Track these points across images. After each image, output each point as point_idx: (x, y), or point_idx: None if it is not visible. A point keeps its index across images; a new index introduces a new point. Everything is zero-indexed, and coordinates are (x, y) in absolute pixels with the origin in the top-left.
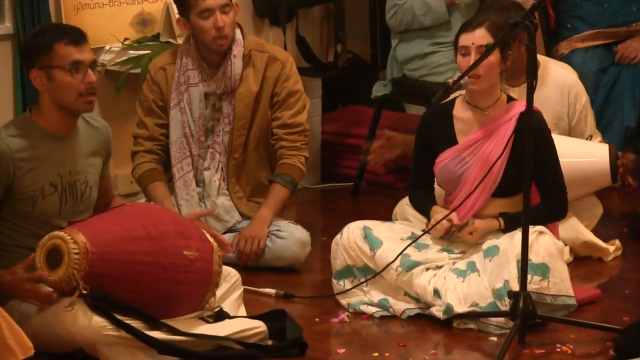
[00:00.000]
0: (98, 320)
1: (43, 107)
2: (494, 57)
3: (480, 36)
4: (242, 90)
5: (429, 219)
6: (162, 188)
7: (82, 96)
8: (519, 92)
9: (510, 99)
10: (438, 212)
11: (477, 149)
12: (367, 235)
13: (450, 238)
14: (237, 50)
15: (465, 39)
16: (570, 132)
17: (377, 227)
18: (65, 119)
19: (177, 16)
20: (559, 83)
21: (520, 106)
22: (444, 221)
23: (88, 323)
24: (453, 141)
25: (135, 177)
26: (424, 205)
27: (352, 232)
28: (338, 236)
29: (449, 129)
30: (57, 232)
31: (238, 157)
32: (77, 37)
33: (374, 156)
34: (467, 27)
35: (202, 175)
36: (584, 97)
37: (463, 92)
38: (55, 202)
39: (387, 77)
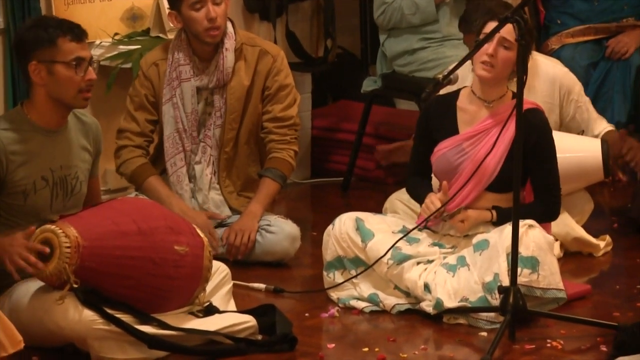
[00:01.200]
0: (88, 314)
1: (36, 101)
2: (514, 54)
3: (507, 30)
4: (234, 84)
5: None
6: (162, 182)
7: (81, 92)
8: (512, 86)
9: (515, 95)
10: (432, 197)
11: (477, 141)
12: (359, 227)
13: (442, 230)
14: (229, 44)
15: (492, 27)
16: (569, 123)
17: (369, 219)
18: (58, 114)
19: (168, 10)
20: (548, 76)
21: (526, 102)
22: (435, 201)
23: (78, 317)
24: (454, 131)
25: (126, 173)
26: (419, 192)
27: (344, 223)
28: (330, 227)
29: (452, 119)
30: (48, 226)
31: (229, 151)
32: (79, 33)
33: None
34: (495, 16)
35: (193, 170)
36: (576, 87)
37: (454, 87)
38: (46, 196)
39: (377, 72)
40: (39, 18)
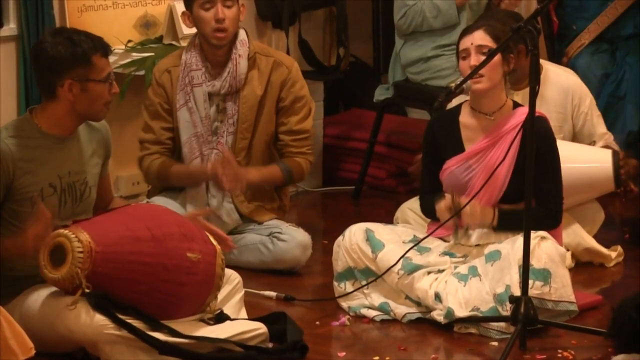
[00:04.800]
0: (100, 319)
1: (52, 112)
2: (496, 57)
3: (479, 37)
4: (247, 92)
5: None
6: (182, 165)
7: (105, 105)
8: (522, 96)
9: (516, 105)
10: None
11: (483, 156)
12: (369, 238)
13: (453, 239)
14: (243, 50)
15: (465, 42)
16: (577, 134)
17: (379, 230)
18: (73, 123)
19: (183, 10)
20: (561, 85)
21: (526, 112)
22: (448, 203)
23: (90, 322)
24: (460, 148)
25: (151, 177)
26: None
27: (354, 234)
28: (340, 238)
29: (456, 136)
30: (61, 231)
31: (240, 161)
32: (107, 49)
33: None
34: (465, 32)
35: None
36: (587, 99)
37: (467, 97)
38: (54, 203)
39: (389, 80)
40: (61, 31)
